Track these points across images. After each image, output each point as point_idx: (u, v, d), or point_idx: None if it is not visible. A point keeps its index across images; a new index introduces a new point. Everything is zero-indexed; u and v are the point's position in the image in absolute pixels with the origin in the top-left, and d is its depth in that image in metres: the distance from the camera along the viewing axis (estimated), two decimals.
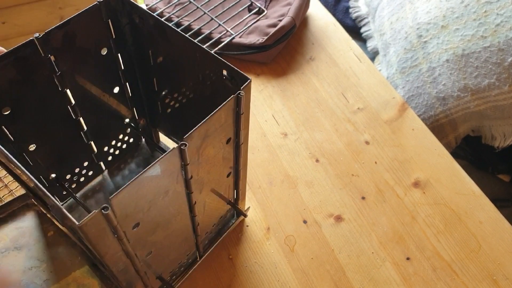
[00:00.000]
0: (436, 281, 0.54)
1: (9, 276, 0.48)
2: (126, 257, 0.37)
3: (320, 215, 0.59)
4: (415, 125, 0.69)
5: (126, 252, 0.36)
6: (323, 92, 0.73)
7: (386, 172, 0.64)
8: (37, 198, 0.46)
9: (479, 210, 0.60)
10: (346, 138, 0.67)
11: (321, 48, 0.79)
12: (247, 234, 0.58)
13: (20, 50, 0.38)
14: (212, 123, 0.36)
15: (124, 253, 0.36)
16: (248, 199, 0.61)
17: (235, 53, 0.75)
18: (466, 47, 0.82)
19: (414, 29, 0.91)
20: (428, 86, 0.87)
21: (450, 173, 0.63)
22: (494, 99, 0.82)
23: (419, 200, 0.61)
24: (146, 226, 0.37)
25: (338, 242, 0.57)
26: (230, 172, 0.46)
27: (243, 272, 0.54)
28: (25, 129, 0.42)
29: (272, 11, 0.79)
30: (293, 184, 0.62)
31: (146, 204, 0.34)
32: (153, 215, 0.36)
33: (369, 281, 0.54)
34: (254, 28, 0.76)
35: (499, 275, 0.54)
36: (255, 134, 0.68)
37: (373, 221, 0.59)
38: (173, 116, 0.50)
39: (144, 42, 0.41)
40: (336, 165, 0.64)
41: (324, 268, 0.55)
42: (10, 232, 0.51)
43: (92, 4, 0.42)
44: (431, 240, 0.57)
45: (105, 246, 0.33)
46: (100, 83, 0.41)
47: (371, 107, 0.71)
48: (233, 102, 0.36)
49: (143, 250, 0.39)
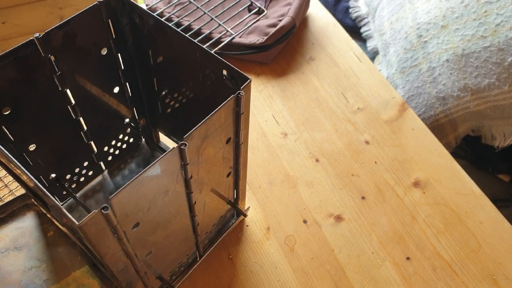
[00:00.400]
0: (436, 281, 0.54)
1: (9, 276, 0.48)
2: (126, 257, 0.37)
3: (320, 215, 0.59)
4: (415, 125, 0.69)
5: (126, 252, 0.36)
6: (323, 92, 0.73)
7: (386, 172, 0.64)
8: (37, 198, 0.46)
9: (479, 210, 0.60)
10: (346, 138, 0.67)
11: (321, 48, 0.79)
12: (247, 234, 0.58)
13: (20, 50, 0.38)
14: (212, 123, 0.36)
15: (124, 253, 0.36)
16: (248, 199, 0.61)
17: (235, 53, 0.75)
18: (466, 47, 0.82)
19: (414, 29, 0.91)
20: (428, 86, 0.87)
21: (450, 173, 0.63)
22: (494, 99, 0.82)
23: (419, 200, 0.61)
24: (146, 226, 0.37)
25: (338, 242, 0.57)
26: (230, 172, 0.46)
27: (243, 272, 0.54)
28: (25, 129, 0.42)
29: (272, 11, 0.79)
30: (293, 184, 0.62)
31: (146, 204, 0.34)
32: (153, 215, 0.36)
33: (369, 281, 0.54)
34: (254, 28, 0.76)
35: (499, 275, 0.54)
36: (255, 134, 0.68)
37: (373, 221, 0.59)
38: (173, 116, 0.50)
39: (144, 42, 0.40)
40: (336, 165, 0.64)
41: (324, 268, 0.55)
42: (10, 232, 0.51)
43: (92, 4, 0.42)
44: (431, 240, 0.57)
45: (105, 246, 0.33)
46: (100, 83, 0.41)
47: (371, 107, 0.71)
48: (233, 102, 0.36)
49: (143, 250, 0.39)
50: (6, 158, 0.34)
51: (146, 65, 0.41)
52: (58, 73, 0.40)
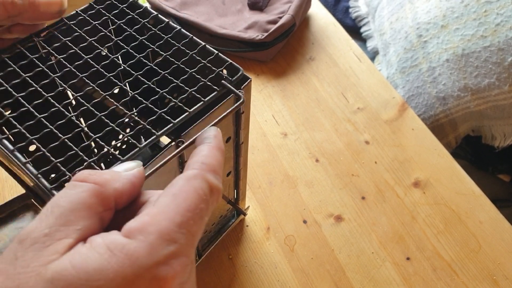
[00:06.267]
0: (436, 281, 0.54)
1: None
2: None
3: (320, 215, 0.59)
4: (415, 125, 0.69)
5: None
6: (323, 92, 0.73)
7: (386, 172, 0.64)
8: (37, 198, 0.46)
9: (479, 210, 0.60)
10: (346, 138, 0.67)
11: (321, 48, 0.79)
12: (247, 234, 0.58)
13: (20, 50, 0.38)
14: (211, 122, 0.36)
15: None
16: (248, 199, 0.61)
17: (235, 50, 0.75)
18: (466, 47, 0.82)
19: (414, 28, 0.91)
20: (428, 86, 0.87)
21: (450, 173, 0.63)
22: (494, 99, 0.82)
23: (419, 200, 0.61)
24: None
25: (338, 242, 0.57)
26: (230, 171, 0.46)
27: (243, 272, 0.54)
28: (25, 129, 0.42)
29: (272, 8, 0.79)
30: (293, 184, 0.62)
31: None
32: None
33: (369, 281, 0.54)
34: (253, 23, 0.76)
35: (499, 275, 0.54)
36: (255, 134, 0.68)
37: (373, 221, 0.59)
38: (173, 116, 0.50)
39: (144, 42, 0.41)
40: (336, 165, 0.64)
41: (324, 268, 0.55)
42: (10, 232, 0.51)
43: (92, 4, 0.42)
44: (431, 240, 0.57)
45: None
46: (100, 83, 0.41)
47: (371, 107, 0.71)
48: (233, 101, 0.36)
49: None
50: (7, 158, 0.34)
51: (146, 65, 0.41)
52: (58, 73, 0.40)
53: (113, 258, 0.21)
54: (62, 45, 0.40)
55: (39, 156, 0.35)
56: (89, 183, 0.25)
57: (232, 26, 0.75)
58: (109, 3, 0.42)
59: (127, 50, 0.39)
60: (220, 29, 0.74)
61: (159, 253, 0.22)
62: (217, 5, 0.79)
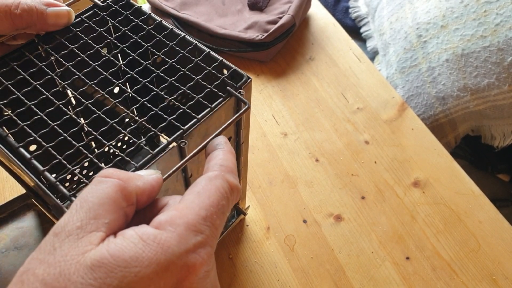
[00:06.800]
0: (436, 281, 0.54)
1: (9, 276, 0.48)
2: None
3: (320, 215, 0.59)
4: (415, 125, 0.69)
5: None
6: (322, 92, 0.73)
7: (385, 171, 0.64)
8: (37, 198, 0.46)
9: (479, 210, 0.60)
10: (346, 138, 0.67)
11: (321, 48, 0.79)
12: (247, 233, 0.58)
13: (20, 50, 0.39)
14: (212, 122, 0.36)
15: None
16: (248, 198, 0.61)
17: (235, 50, 0.75)
18: (465, 47, 0.82)
19: (413, 29, 0.91)
20: (427, 85, 0.87)
21: (449, 173, 0.63)
22: (494, 99, 0.82)
23: (419, 199, 0.61)
24: None
25: (338, 242, 0.57)
26: None
27: (243, 271, 0.55)
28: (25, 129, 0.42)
29: (272, 8, 0.79)
30: (293, 183, 0.62)
31: None
32: None
33: (369, 281, 0.54)
34: (253, 23, 0.76)
35: (498, 274, 0.55)
36: (255, 134, 0.68)
37: (373, 221, 0.59)
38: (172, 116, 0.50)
39: (144, 42, 0.41)
40: (336, 165, 0.64)
41: (324, 268, 0.55)
42: (10, 232, 0.51)
43: (92, 4, 0.42)
44: (431, 239, 0.57)
45: None
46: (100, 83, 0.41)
47: (371, 107, 0.71)
48: (233, 100, 0.37)
49: None
50: (7, 158, 0.34)
51: (146, 65, 0.41)
52: (58, 73, 0.40)
53: (147, 247, 0.23)
54: (62, 45, 0.40)
55: (39, 155, 0.35)
56: (113, 178, 0.26)
57: (232, 26, 0.75)
58: (113, 10, 0.42)
59: (133, 57, 0.40)
60: (220, 29, 0.74)
61: (188, 243, 0.24)
62: (217, 5, 0.79)
